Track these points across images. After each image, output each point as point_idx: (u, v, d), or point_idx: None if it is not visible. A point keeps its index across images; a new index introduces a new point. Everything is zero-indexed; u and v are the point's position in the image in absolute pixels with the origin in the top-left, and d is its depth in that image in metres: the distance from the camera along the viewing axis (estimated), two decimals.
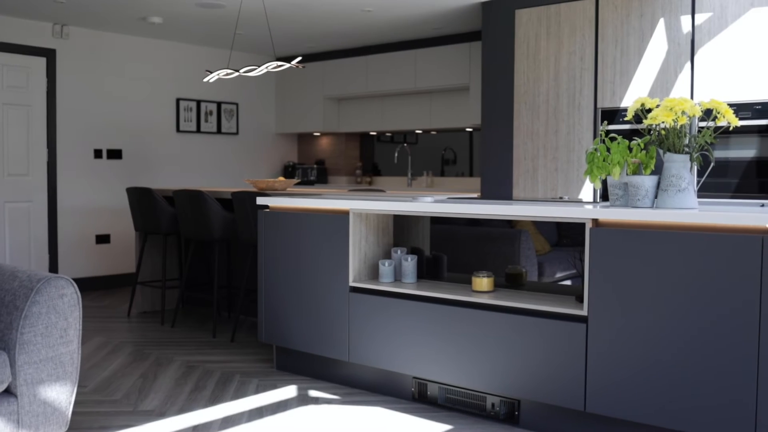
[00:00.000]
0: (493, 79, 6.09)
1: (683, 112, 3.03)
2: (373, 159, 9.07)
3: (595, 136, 5.51)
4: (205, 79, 6.05)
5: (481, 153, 6.19)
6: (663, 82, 5.21)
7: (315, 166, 9.07)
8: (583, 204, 3.81)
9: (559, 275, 3.78)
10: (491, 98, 6.11)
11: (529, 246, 3.88)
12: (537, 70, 5.80)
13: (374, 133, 8.96)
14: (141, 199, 5.80)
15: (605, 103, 5.46)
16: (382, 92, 8.19)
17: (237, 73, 5.75)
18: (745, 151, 4.94)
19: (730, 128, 3.15)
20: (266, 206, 4.45)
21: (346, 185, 8.87)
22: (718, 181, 5.03)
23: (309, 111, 8.82)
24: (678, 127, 3.06)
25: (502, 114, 6.02)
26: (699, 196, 5.08)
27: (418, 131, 8.47)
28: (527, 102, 5.86)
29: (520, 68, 5.89)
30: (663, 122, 3.05)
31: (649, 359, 2.99)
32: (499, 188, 6.05)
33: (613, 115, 5.38)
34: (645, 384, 3.00)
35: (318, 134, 9.29)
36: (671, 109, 3.04)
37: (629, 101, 5.35)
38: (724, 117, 3.08)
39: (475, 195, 6.25)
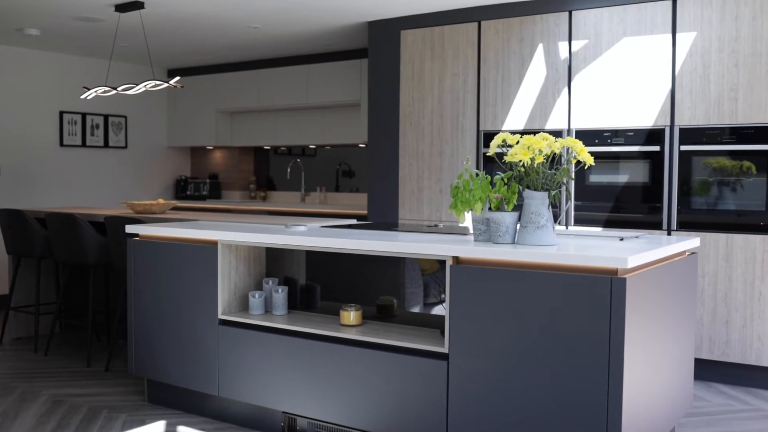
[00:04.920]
0: (379, 98, 6.08)
1: (540, 151, 3.06)
2: (268, 173, 8.95)
3: (478, 159, 5.55)
4: (82, 96, 5.84)
5: (369, 172, 6.17)
6: (542, 107, 5.29)
7: (208, 180, 8.89)
8: (457, 233, 3.81)
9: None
10: (377, 117, 6.09)
11: (414, 267, 3.85)
12: (422, 90, 5.82)
13: (268, 148, 8.84)
14: (11, 221, 5.54)
15: (487, 126, 5.52)
16: (275, 106, 8.09)
17: (114, 91, 5.57)
18: (620, 176, 5.06)
19: (586, 166, 3.19)
20: (136, 235, 4.30)
21: (239, 200, 8.73)
22: (597, 204, 5.14)
23: (201, 124, 8.64)
24: (536, 165, 3.08)
25: (388, 133, 6.02)
26: (577, 219, 5.18)
27: (312, 146, 8.40)
28: (412, 122, 5.87)
29: (406, 88, 5.90)
30: (521, 160, 3.07)
31: (508, 397, 3.00)
32: (386, 208, 6.04)
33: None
34: (503, 422, 3.01)
35: (211, 148, 9.11)
36: (529, 147, 3.07)
37: (510, 125, 5.41)
38: (579, 155, 3.13)
39: (356, 218, 6.22)
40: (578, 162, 3.21)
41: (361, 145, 7.83)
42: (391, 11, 5.79)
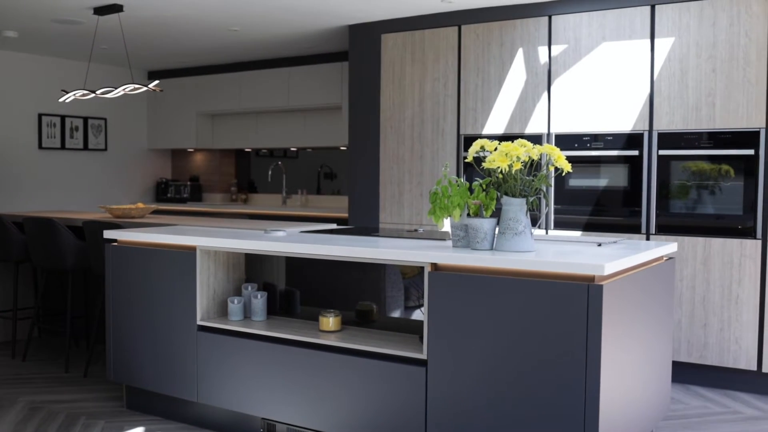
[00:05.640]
0: (359, 101, 6.08)
1: (518, 158, 3.06)
2: (249, 176, 8.93)
3: (458, 163, 5.56)
4: (61, 99, 5.80)
5: (349, 176, 6.17)
6: (522, 111, 5.31)
7: (189, 183, 8.85)
8: (436, 239, 3.82)
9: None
10: (358, 121, 6.09)
11: (394, 272, 3.84)
12: (402, 94, 5.82)
13: (249, 150, 8.82)
14: None
15: (467, 130, 5.53)
16: (256, 109, 8.06)
17: (93, 95, 5.53)
18: (600, 180, 5.09)
19: (563, 173, 3.21)
20: (114, 240, 4.27)
21: (220, 202, 8.70)
22: (577, 207, 5.16)
23: (182, 126, 8.60)
24: (513, 172, 3.09)
25: (368, 137, 6.02)
26: (557, 222, 5.20)
27: (293, 148, 8.38)
28: (393, 126, 5.87)
29: (386, 92, 5.90)
30: (499, 167, 3.08)
31: (486, 403, 3.00)
32: (367, 211, 6.04)
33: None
34: (482, 427, 3.01)
35: (192, 150, 9.06)
36: (507, 154, 3.07)
37: (491, 129, 5.43)
38: (557, 162, 3.14)
39: (337, 221, 6.21)
40: (557, 168, 3.22)
41: (342, 148, 7.82)
42: (371, 15, 5.79)
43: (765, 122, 4.57)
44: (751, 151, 4.61)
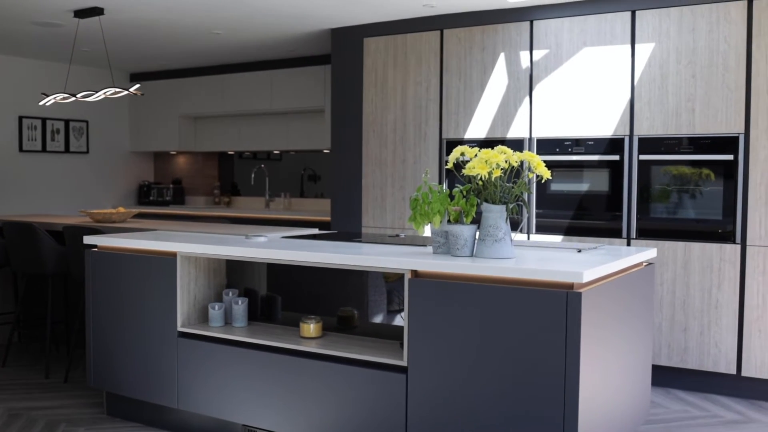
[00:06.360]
0: (342, 105, 6.07)
1: (497, 165, 3.07)
2: (232, 178, 8.90)
3: (440, 167, 5.57)
4: (41, 103, 5.76)
5: (332, 179, 6.16)
6: (504, 116, 5.32)
7: (171, 186, 8.81)
8: (418, 244, 3.82)
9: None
10: (341, 124, 6.09)
11: (376, 277, 3.84)
12: (385, 98, 5.82)
13: (232, 153, 8.79)
14: None
15: (450, 134, 5.54)
16: (239, 112, 8.04)
17: (74, 98, 5.49)
18: (581, 184, 5.11)
19: (542, 180, 3.22)
20: (95, 245, 4.25)
21: (203, 205, 8.66)
22: (559, 212, 5.18)
23: (164, 129, 8.56)
24: (493, 179, 3.10)
25: (351, 141, 6.01)
26: (539, 226, 5.22)
27: (276, 151, 8.37)
28: (375, 130, 5.87)
29: (369, 96, 5.90)
30: (479, 174, 3.08)
31: (466, 410, 3.01)
32: (349, 215, 6.03)
33: (457, 146, 5.45)
34: None
35: (174, 153, 9.02)
36: (487, 161, 3.08)
37: (473, 133, 5.44)
38: (536, 169, 3.15)
39: (319, 225, 6.21)
40: (536, 175, 3.23)
41: (325, 151, 7.81)
42: (354, 19, 5.79)
43: (744, 128, 4.61)
44: (730, 157, 4.65)
